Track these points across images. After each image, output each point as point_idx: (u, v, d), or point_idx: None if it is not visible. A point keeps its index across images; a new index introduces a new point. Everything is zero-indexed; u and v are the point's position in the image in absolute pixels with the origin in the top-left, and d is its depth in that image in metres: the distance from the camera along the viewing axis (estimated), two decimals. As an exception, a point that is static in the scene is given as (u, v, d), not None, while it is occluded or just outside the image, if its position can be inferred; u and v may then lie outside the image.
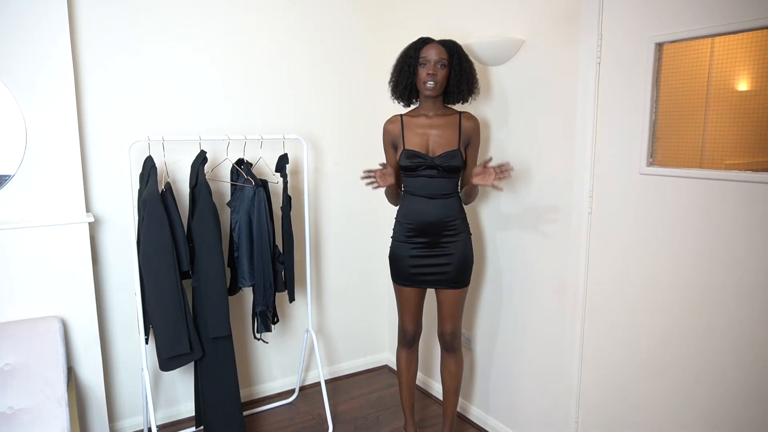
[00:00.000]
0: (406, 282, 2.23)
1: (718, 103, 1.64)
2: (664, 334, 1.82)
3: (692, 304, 1.73)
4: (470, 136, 2.15)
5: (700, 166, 1.69)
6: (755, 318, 1.58)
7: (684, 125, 1.73)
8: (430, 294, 2.57)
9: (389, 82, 2.22)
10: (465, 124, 2.13)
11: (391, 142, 2.21)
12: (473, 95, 2.15)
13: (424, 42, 2.10)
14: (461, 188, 2.22)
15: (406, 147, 2.13)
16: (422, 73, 2.07)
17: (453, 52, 2.06)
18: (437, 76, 2.05)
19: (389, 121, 2.21)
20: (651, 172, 1.81)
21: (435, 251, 2.16)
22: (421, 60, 2.07)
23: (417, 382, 3.10)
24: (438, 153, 2.11)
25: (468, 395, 2.74)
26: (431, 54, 2.05)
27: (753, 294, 1.58)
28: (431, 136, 2.13)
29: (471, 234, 2.23)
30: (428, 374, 3.04)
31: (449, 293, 2.21)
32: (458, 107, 2.26)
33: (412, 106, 2.25)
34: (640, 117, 1.82)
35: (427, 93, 2.08)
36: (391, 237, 2.26)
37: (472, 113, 2.22)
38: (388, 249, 2.30)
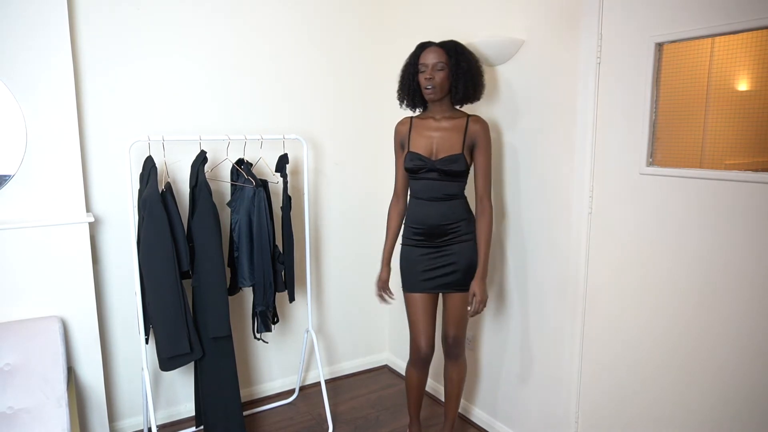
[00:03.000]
0: (415, 287, 2.18)
1: (718, 103, 1.64)
2: (664, 334, 1.82)
3: (692, 304, 1.73)
4: (475, 139, 2.10)
5: (700, 166, 1.69)
6: (755, 317, 1.58)
7: (684, 125, 1.73)
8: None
9: (396, 92, 2.22)
10: (472, 127, 2.10)
11: (400, 144, 2.21)
12: (477, 94, 2.11)
13: (422, 47, 2.09)
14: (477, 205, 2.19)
15: (410, 149, 2.14)
16: (421, 78, 2.07)
17: (451, 52, 2.05)
18: (435, 80, 2.03)
19: (400, 123, 2.21)
20: (651, 172, 1.81)
21: (440, 253, 2.14)
22: (420, 66, 2.07)
23: (417, 382, 3.11)
24: (440, 156, 2.09)
25: (467, 395, 2.74)
26: (429, 58, 2.04)
27: (752, 293, 1.58)
28: (435, 139, 2.11)
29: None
30: (429, 375, 3.03)
31: (455, 297, 2.18)
32: (468, 109, 2.24)
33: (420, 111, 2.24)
34: (640, 117, 1.82)
35: (428, 97, 2.08)
36: (401, 243, 2.25)
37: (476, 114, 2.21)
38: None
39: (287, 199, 2.54)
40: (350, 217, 3.12)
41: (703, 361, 1.72)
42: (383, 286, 2.29)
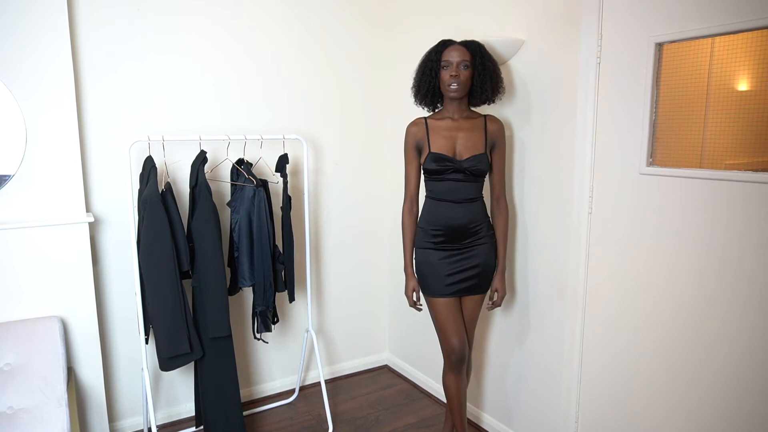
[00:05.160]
0: (440, 292, 2.11)
1: (718, 103, 1.64)
2: (664, 333, 1.82)
3: (691, 304, 1.73)
4: (495, 139, 2.10)
5: (700, 166, 1.69)
6: (754, 317, 1.58)
7: (684, 125, 1.73)
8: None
9: (412, 87, 2.17)
10: (490, 127, 2.09)
11: (414, 145, 2.12)
12: (498, 95, 2.09)
13: (445, 44, 2.05)
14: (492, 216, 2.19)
15: (432, 150, 2.07)
16: (445, 75, 2.03)
17: (476, 52, 2.03)
18: (460, 78, 2.00)
19: (413, 124, 2.13)
20: (651, 172, 1.81)
21: (462, 255, 2.10)
22: (443, 63, 2.03)
23: (417, 382, 3.11)
24: (465, 156, 2.06)
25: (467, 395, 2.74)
26: (453, 56, 2.01)
27: (752, 293, 1.58)
28: (458, 139, 2.07)
29: (495, 239, 2.18)
30: (428, 374, 3.04)
31: (472, 298, 2.17)
32: (482, 109, 2.23)
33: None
34: (640, 117, 1.82)
35: (452, 95, 2.03)
36: (414, 247, 2.18)
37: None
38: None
39: (287, 199, 2.55)
40: (350, 217, 3.12)
41: (703, 361, 1.72)
42: (416, 296, 2.18)
